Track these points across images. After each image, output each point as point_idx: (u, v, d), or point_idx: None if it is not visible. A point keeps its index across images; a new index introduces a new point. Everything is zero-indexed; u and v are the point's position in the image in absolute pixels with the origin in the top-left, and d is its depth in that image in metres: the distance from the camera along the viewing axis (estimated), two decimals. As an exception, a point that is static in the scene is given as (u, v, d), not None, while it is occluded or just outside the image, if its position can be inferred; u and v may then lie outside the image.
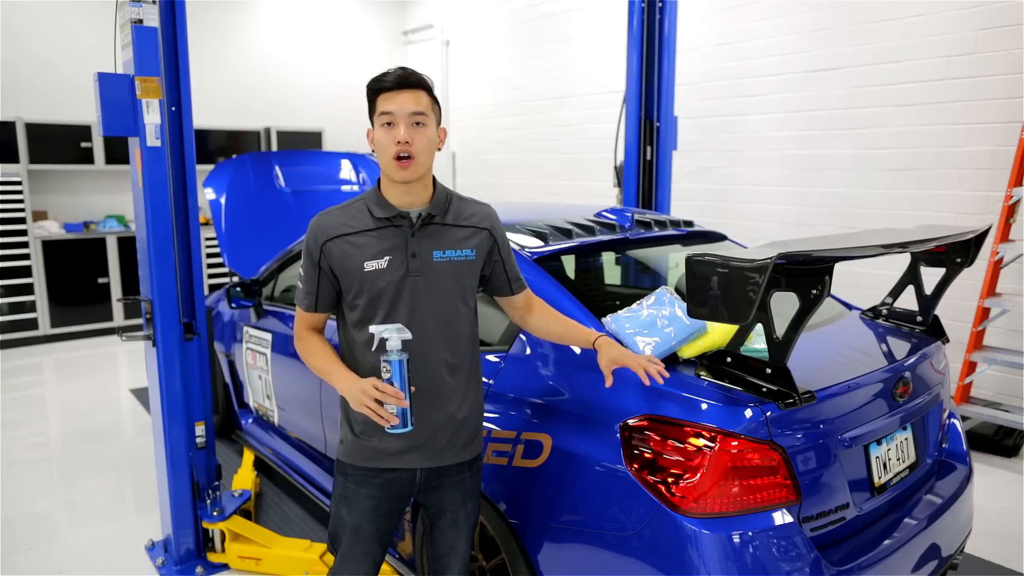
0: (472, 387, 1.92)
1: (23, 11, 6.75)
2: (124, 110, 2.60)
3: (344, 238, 1.80)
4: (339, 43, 8.68)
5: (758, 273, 1.57)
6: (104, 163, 6.95)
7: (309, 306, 1.87)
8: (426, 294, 1.80)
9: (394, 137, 1.73)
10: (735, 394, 1.84)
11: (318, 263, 1.82)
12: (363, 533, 1.90)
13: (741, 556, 1.74)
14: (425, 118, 1.76)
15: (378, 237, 1.79)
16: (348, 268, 1.79)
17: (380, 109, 1.75)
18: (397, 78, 1.75)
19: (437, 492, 1.93)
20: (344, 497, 1.91)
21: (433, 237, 1.82)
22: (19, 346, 6.66)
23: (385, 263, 1.78)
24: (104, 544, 3.21)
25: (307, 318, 1.90)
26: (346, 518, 1.91)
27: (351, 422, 1.89)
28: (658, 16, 3.92)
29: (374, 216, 1.80)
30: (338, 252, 1.79)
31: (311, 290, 1.86)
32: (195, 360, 2.88)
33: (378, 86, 1.76)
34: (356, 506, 1.89)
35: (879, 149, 4.82)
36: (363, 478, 1.88)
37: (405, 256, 1.79)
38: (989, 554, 3.10)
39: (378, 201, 1.81)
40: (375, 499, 1.89)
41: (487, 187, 8.23)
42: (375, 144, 1.79)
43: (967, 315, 4.33)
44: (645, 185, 4.10)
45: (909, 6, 4.57)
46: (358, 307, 1.81)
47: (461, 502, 1.95)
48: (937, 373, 2.41)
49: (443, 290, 1.82)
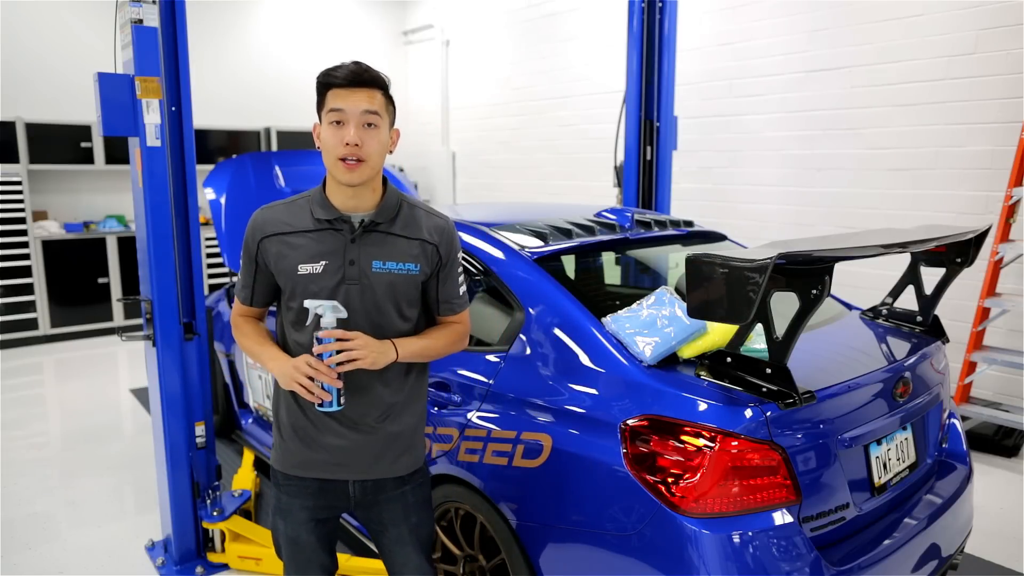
0: (410, 400, 1.83)
1: (23, 11, 6.75)
2: (124, 110, 2.60)
3: (281, 237, 1.72)
4: (339, 43, 8.67)
5: (758, 273, 1.57)
6: (104, 163, 6.94)
7: (245, 299, 1.83)
8: (361, 303, 1.70)
9: (342, 138, 1.61)
10: (735, 394, 1.84)
11: (255, 258, 1.76)
12: (302, 544, 1.84)
13: (741, 556, 1.74)
14: (378, 119, 1.64)
15: (316, 240, 1.70)
16: (282, 268, 1.72)
17: (330, 105, 1.63)
18: (350, 74, 1.62)
19: (376, 508, 1.85)
20: (279, 508, 1.85)
21: (375, 245, 1.71)
22: (19, 346, 6.66)
23: (320, 268, 1.69)
24: (104, 544, 3.21)
25: (244, 311, 1.86)
26: (283, 529, 1.85)
27: (280, 425, 1.83)
28: (658, 16, 3.92)
29: (315, 217, 1.71)
30: (274, 250, 1.73)
31: (247, 284, 1.81)
32: (195, 360, 2.88)
33: (328, 80, 1.63)
34: (291, 518, 1.83)
35: (879, 149, 4.82)
36: (296, 489, 1.82)
37: (342, 262, 1.69)
38: (989, 554, 3.10)
39: (321, 202, 1.72)
40: (309, 510, 1.82)
41: (487, 187, 8.23)
42: (321, 142, 1.67)
43: (967, 315, 4.32)
44: (645, 185, 4.10)
45: (909, 6, 4.57)
46: (292, 309, 1.74)
47: (403, 517, 1.86)
48: (937, 373, 2.41)
49: (379, 301, 1.72)
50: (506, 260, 2.39)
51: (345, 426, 1.77)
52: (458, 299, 1.86)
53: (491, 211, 3.31)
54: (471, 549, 2.31)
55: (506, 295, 2.33)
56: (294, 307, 1.74)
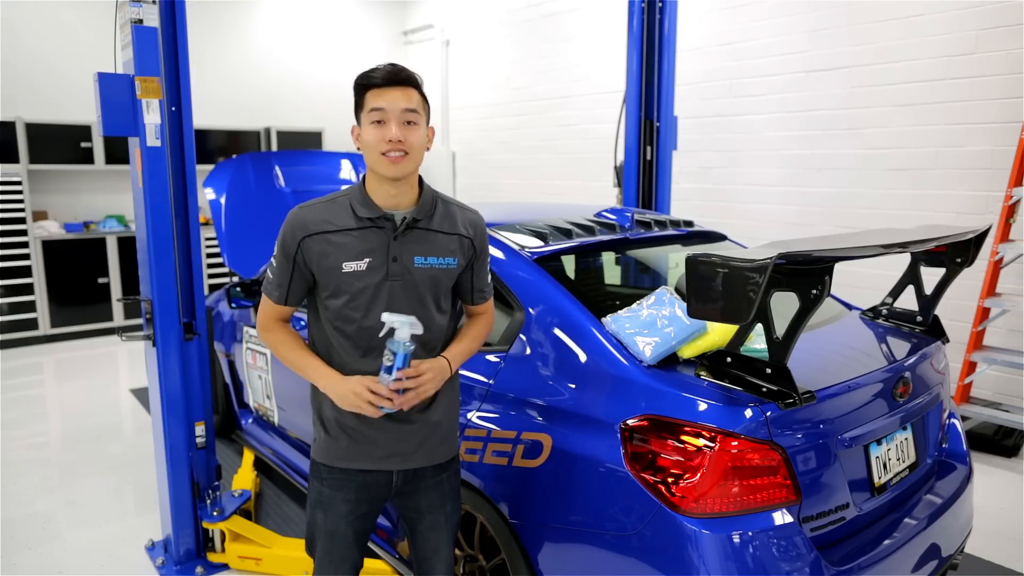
0: (445, 389, 1.86)
1: (23, 11, 6.75)
2: (124, 110, 2.60)
3: (324, 235, 1.73)
4: (339, 43, 8.67)
5: (758, 273, 1.57)
6: (104, 163, 6.94)
7: (279, 299, 1.80)
8: (404, 299, 1.74)
9: (384, 135, 1.67)
10: (735, 394, 1.84)
11: (293, 258, 1.75)
12: (339, 537, 1.87)
13: (741, 556, 1.74)
14: (417, 116, 1.70)
15: (359, 238, 1.73)
16: (325, 267, 1.73)
17: (370, 105, 1.68)
18: (387, 74, 1.68)
19: (415, 496, 1.90)
20: (319, 501, 1.87)
21: (416, 242, 1.76)
22: (19, 346, 6.66)
23: (365, 265, 1.72)
24: (104, 544, 3.21)
25: (275, 310, 1.83)
26: (321, 523, 1.87)
27: (324, 421, 1.85)
28: (658, 16, 3.92)
29: (357, 215, 1.74)
30: (317, 249, 1.73)
31: (282, 283, 1.79)
32: (195, 360, 2.88)
33: (367, 82, 1.70)
34: (332, 510, 1.85)
35: (879, 149, 4.82)
36: (339, 481, 1.84)
37: (386, 259, 1.73)
38: (989, 554, 3.10)
39: (363, 200, 1.75)
40: (351, 503, 1.85)
41: (487, 187, 8.23)
42: (362, 142, 1.72)
43: (967, 315, 4.32)
44: (645, 185, 4.10)
45: (909, 6, 4.57)
46: (332, 307, 1.76)
47: (440, 504, 1.92)
48: (937, 373, 2.41)
49: (421, 296, 1.77)
50: (506, 260, 2.39)
51: (392, 419, 1.80)
52: (488, 287, 1.96)
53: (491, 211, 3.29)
54: (471, 549, 2.31)
55: (506, 295, 2.33)
56: (337, 304, 1.75)
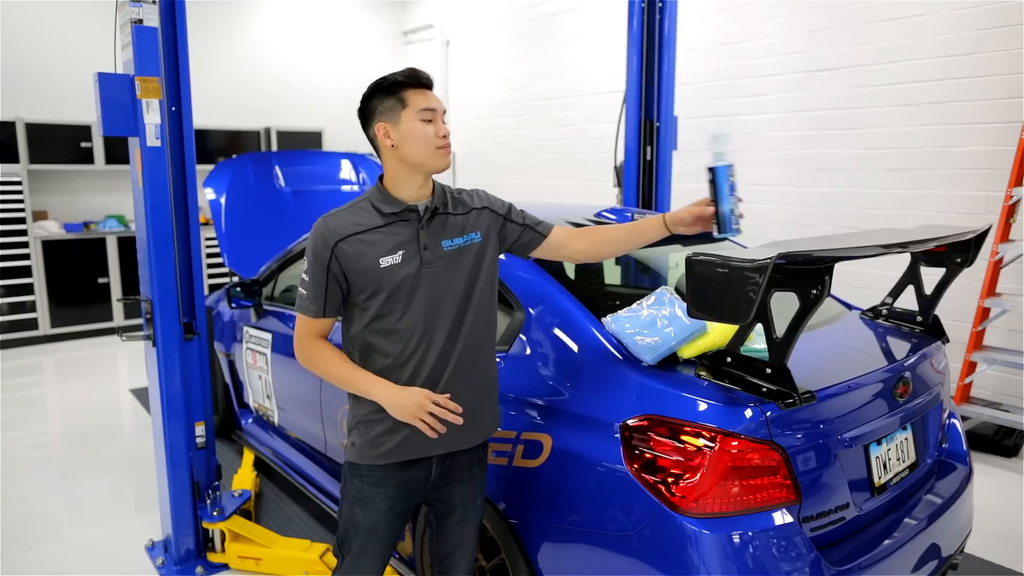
0: (489, 365, 1.95)
1: (23, 11, 6.75)
2: (124, 110, 2.60)
3: (356, 237, 1.79)
4: (339, 43, 8.67)
5: (758, 273, 1.57)
6: (104, 163, 6.95)
7: (317, 312, 1.82)
8: (443, 282, 1.83)
9: (437, 131, 1.81)
10: (735, 394, 1.84)
11: (327, 266, 1.79)
12: (378, 534, 1.91)
13: (741, 556, 1.74)
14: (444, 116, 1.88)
15: (388, 232, 1.81)
16: (363, 267, 1.78)
17: (421, 105, 1.80)
18: (427, 78, 1.84)
19: (448, 489, 1.95)
20: (359, 499, 1.90)
21: (440, 228, 1.86)
22: (19, 346, 6.66)
23: (400, 257, 1.80)
24: (104, 544, 3.21)
25: (313, 325, 1.85)
26: (361, 520, 1.90)
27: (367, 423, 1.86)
28: (658, 16, 3.91)
29: (382, 212, 1.82)
30: (352, 251, 1.78)
31: (319, 295, 1.81)
32: (195, 360, 2.88)
33: (413, 81, 1.81)
34: (372, 507, 1.89)
35: (879, 149, 4.82)
36: (379, 479, 1.88)
37: (417, 248, 1.82)
38: (989, 554, 3.10)
39: (383, 198, 1.84)
40: (391, 499, 1.90)
41: (487, 187, 8.05)
42: (410, 138, 1.79)
43: (967, 315, 4.32)
44: (645, 185, 4.10)
45: (909, 6, 4.57)
46: (371, 307, 1.80)
47: (472, 498, 1.98)
48: (937, 373, 2.41)
49: (458, 276, 1.85)
50: (506, 260, 2.39)
51: None
52: (542, 221, 2.05)
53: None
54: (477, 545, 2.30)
55: (506, 295, 2.33)
56: (374, 304, 1.80)
